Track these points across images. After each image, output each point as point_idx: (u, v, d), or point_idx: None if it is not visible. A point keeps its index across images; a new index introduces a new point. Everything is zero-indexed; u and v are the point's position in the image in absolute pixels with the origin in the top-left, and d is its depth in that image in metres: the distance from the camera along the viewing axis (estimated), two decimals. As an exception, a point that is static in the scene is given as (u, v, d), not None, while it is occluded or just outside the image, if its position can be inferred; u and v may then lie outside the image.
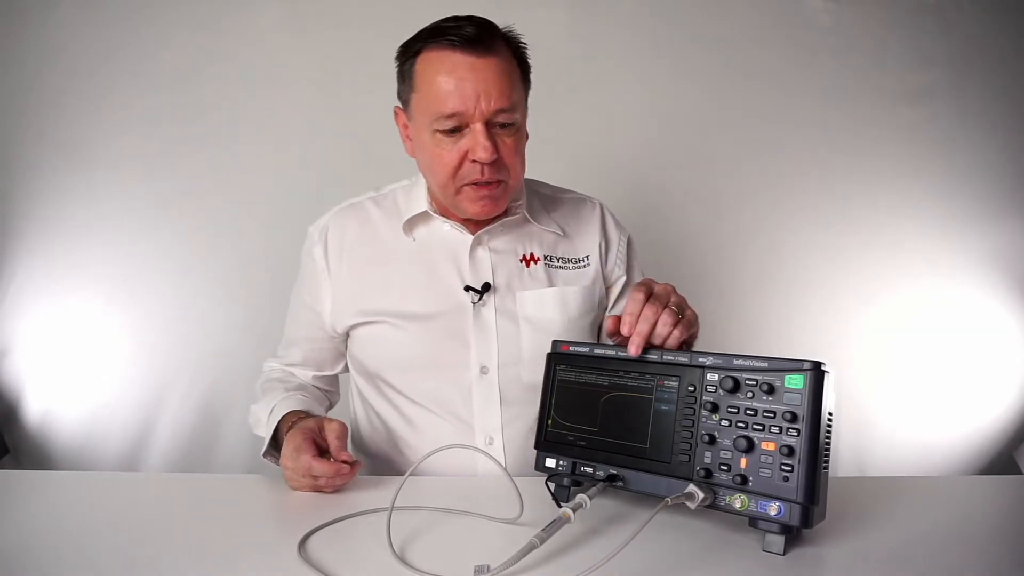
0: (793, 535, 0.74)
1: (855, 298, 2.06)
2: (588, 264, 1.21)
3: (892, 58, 2.04)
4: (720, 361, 0.77)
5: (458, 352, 1.11)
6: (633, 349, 0.83)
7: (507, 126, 1.03)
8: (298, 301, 1.22)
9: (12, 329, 1.90)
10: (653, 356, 0.82)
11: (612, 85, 2.01)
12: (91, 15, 1.87)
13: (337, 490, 0.95)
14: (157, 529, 0.81)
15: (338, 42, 1.94)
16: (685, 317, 0.87)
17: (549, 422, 0.88)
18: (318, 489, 0.95)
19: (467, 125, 1.01)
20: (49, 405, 1.91)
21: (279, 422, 1.07)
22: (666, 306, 0.86)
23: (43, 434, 1.90)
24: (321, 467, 0.92)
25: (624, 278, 1.25)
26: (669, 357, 0.81)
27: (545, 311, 1.14)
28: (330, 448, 0.96)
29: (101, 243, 1.90)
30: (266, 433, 1.08)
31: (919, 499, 0.92)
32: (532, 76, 1.10)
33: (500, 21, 1.05)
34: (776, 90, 2.04)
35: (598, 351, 0.87)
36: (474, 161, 1.02)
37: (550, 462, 0.87)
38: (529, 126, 1.10)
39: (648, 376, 0.82)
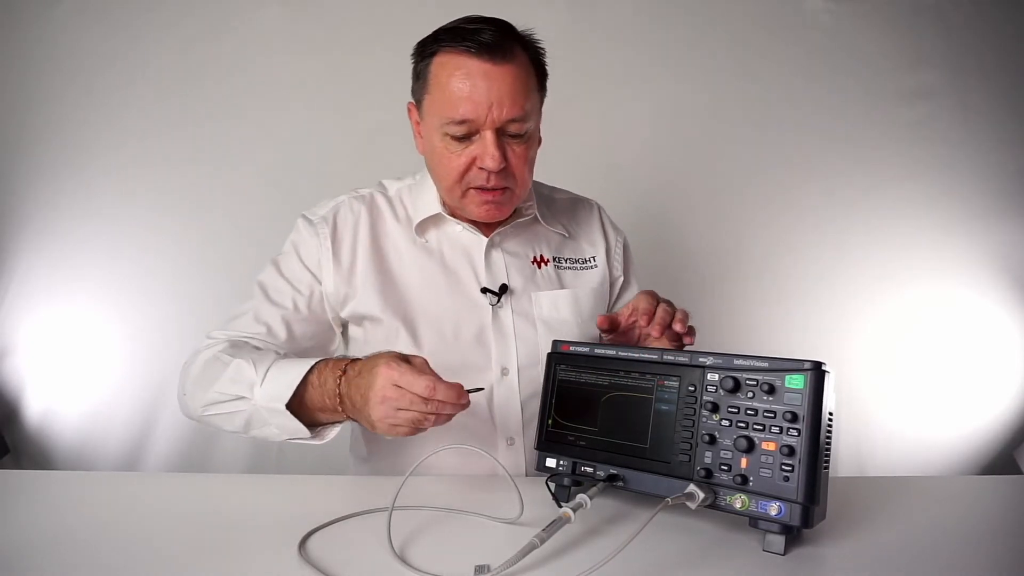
0: (793, 535, 0.74)
1: (855, 298, 2.07)
2: (595, 265, 1.22)
3: (892, 58, 2.05)
4: (720, 361, 0.77)
5: (478, 354, 1.10)
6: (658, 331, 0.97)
7: (518, 136, 1.02)
8: (287, 270, 1.10)
9: (12, 329, 1.90)
10: (653, 356, 0.82)
11: (612, 86, 2.01)
12: (91, 18, 1.88)
13: (442, 423, 0.84)
14: (157, 529, 0.81)
15: (339, 47, 1.94)
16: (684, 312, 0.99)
17: (549, 422, 0.88)
18: (418, 426, 0.83)
19: (477, 132, 1.00)
20: (49, 405, 1.91)
21: (309, 373, 0.90)
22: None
23: (43, 434, 1.90)
24: (447, 388, 0.80)
25: (621, 279, 1.26)
26: (669, 357, 0.81)
27: (560, 312, 1.15)
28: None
29: (101, 244, 1.90)
30: (289, 381, 0.90)
31: (919, 499, 0.92)
32: None
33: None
34: (777, 91, 2.04)
35: (598, 351, 0.87)
36: (481, 168, 1.01)
37: (550, 462, 0.87)
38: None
39: (648, 376, 0.82)
